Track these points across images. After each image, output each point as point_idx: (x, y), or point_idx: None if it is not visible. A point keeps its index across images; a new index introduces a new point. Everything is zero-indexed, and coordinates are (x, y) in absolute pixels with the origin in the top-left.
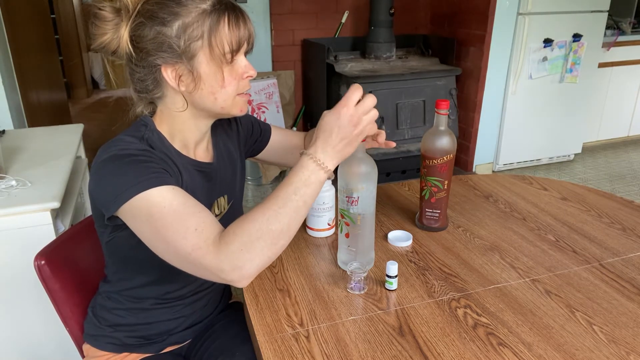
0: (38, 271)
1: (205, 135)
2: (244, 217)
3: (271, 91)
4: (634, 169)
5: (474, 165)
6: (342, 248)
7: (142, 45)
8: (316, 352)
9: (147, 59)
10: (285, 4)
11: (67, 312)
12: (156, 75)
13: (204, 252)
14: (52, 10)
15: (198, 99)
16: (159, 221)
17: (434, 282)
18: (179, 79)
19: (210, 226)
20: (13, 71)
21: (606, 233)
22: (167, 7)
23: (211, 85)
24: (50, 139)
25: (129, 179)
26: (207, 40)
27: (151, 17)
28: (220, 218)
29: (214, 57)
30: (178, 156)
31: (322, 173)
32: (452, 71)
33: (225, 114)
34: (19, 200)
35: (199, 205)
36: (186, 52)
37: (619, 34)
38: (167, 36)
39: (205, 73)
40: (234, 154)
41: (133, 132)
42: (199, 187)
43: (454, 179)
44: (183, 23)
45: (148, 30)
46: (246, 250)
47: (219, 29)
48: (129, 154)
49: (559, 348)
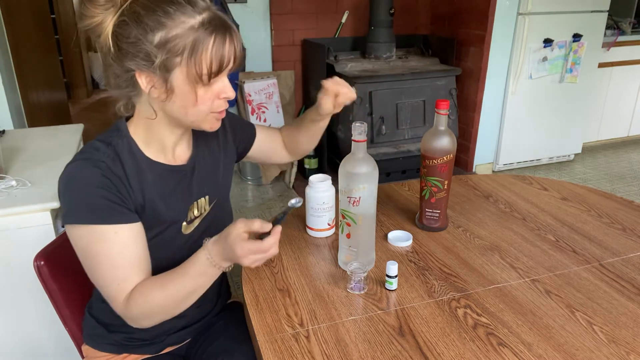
0: (37, 271)
1: (184, 136)
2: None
3: (271, 91)
4: (634, 169)
5: (474, 165)
6: (343, 248)
7: (121, 44)
8: (316, 352)
9: (121, 59)
10: (285, 4)
11: (66, 313)
12: (131, 77)
13: (117, 304)
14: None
15: (169, 109)
16: (93, 259)
17: (434, 282)
18: (152, 86)
19: (129, 284)
20: (13, 71)
21: (606, 233)
22: (154, 15)
23: (183, 101)
24: (50, 139)
25: (79, 203)
26: (186, 59)
27: (136, 20)
28: (201, 219)
29: (190, 76)
30: (147, 164)
31: (214, 269)
32: (452, 71)
33: (195, 127)
34: (19, 200)
35: (134, 255)
36: (163, 65)
37: (619, 34)
38: (147, 45)
39: (178, 88)
40: (217, 152)
41: (105, 136)
42: (173, 192)
43: (454, 179)
44: (166, 35)
45: (130, 31)
46: (145, 317)
47: (200, 51)
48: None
49: (559, 348)
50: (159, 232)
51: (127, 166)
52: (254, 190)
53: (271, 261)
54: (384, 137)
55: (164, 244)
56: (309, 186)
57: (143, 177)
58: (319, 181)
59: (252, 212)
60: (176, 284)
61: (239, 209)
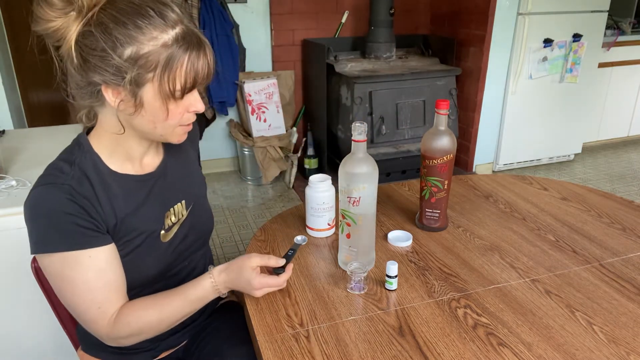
0: (35, 273)
1: (152, 146)
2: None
3: (271, 91)
4: (634, 169)
5: (474, 165)
6: (343, 248)
7: (86, 56)
8: (316, 352)
9: (86, 71)
10: (285, 4)
11: (64, 314)
12: (95, 89)
13: (99, 326)
14: None
15: (136, 123)
16: (69, 285)
17: (434, 282)
18: (119, 100)
19: (110, 304)
20: (13, 71)
21: (606, 233)
22: (124, 28)
23: (153, 115)
24: (50, 139)
25: (47, 231)
26: (159, 75)
27: (104, 32)
28: (179, 226)
29: (162, 92)
30: (114, 178)
31: (214, 294)
32: (452, 71)
33: (163, 140)
34: (19, 200)
35: (111, 277)
36: (133, 81)
37: (619, 34)
38: (116, 59)
39: (148, 103)
40: (191, 153)
41: (67, 155)
42: (145, 202)
43: (454, 179)
44: (137, 51)
45: (97, 43)
46: (131, 338)
47: (175, 68)
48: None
49: (559, 348)
50: (138, 245)
51: (95, 184)
52: (254, 190)
53: None
54: (384, 137)
55: (146, 254)
56: (308, 186)
57: (112, 194)
58: (319, 181)
59: (252, 212)
60: (173, 306)
61: (239, 209)
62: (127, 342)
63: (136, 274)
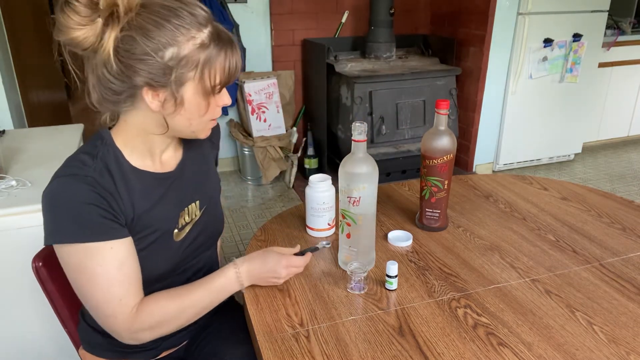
0: (36, 273)
1: (172, 143)
2: (165, 299)
3: (271, 91)
4: (634, 169)
5: (474, 165)
6: (343, 248)
7: (127, 60)
8: (316, 352)
9: (129, 76)
10: (285, 4)
11: (65, 314)
12: (134, 92)
13: (119, 320)
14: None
15: (171, 121)
16: (89, 277)
17: (434, 282)
18: (159, 102)
19: (130, 297)
20: (13, 71)
21: (606, 233)
22: (164, 29)
23: (191, 112)
24: (50, 139)
25: (69, 221)
26: (199, 72)
27: (145, 35)
28: (192, 226)
29: (201, 89)
30: (135, 173)
31: (237, 285)
32: (452, 71)
33: (191, 136)
34: (19, 200)
35: (131, 270)
36: (176, 80)
37: (619, 34)
38: (159, 60)
39: (189, 102)
40: (208, 155)
41: (89, 148)
42: (162, 200)
43: (454, 179)
44: (179, 50)
45: (138, 47)
46: (152, 331)
47: (214, 64)
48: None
49: (559, 348)
50: (151, 242)
51: (116, 178)
52: (254, 190)
53: None
54: (384, 137)
55: (158, 252)
56: (309, 186)
57: (131, 189)
58: (319, 181)
59: (252, 212)
60: (196, 296)
61: (239, 209)
62: (147, 337)
63: (145, 270)
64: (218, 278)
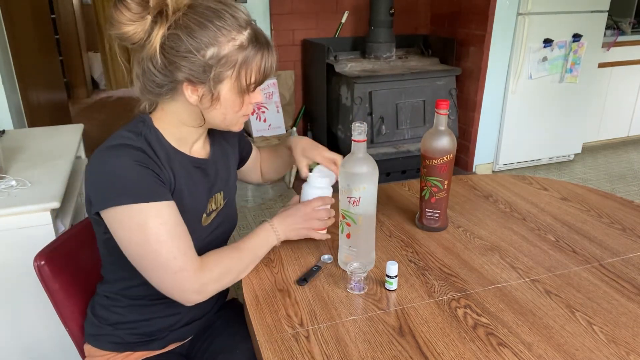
0: (38, 272)
1: (203, 135)
2: (219, 253)
3: (271, 91)
4: (634, 169)
5: (474, 165)
6: (343, 248)
7: (171, 57)
8: (316, 352)
9: (172, 71)
10: (285, 4)
11: (66, 313)
12: (175, 86)
13: (190, 274)
14: (52, 10)
15: (207, 115)
16: (154, 236)
17: (434, 282)
18: (197, 96)
19: (192, 251)
20: (13, 71)
21: (606, 233)
22: (207, 30)
23: (226, 108)
24: (50, 139)
25: (127, 183)
26: (237, 71)
27: (189, 34)
28: (216, 214)
29: (237, 87)
30: (174, 153)
31: (274, 237)
32: (452, 71)
33: (224, 129)
34: (19, 200)
35: (185, 228)
36: (214, 78)
37: (619, 34)
38: (201, 59)
39: (225, 98)
40: (229, 152)
41: (132, 127)
42: (197, 183)
43: (454, 179)
44: (219, 50)
45: (182, 45)
46: (216, 284)
47: (252, 64)
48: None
49: (559, 348)
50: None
51: (159, 153)
52: (254, 190)
53: (271, 261)
54: (384, 137)
55: None
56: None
57: (173, 165)
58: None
59: (252, 212)
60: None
61: (239, 209)
62: (214, 289)
63: None
64: (259, 232)
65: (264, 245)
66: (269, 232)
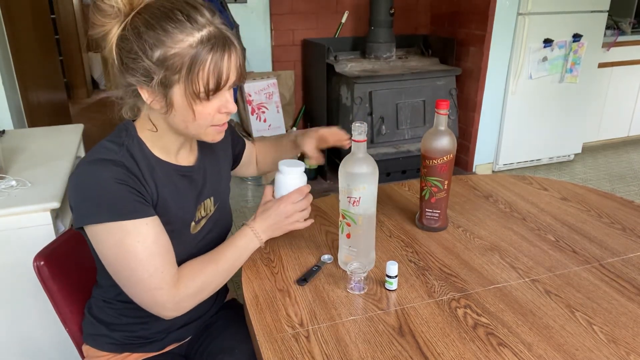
0: (37, 272)
1: (186, 142)
2: (199, 264)
3: (271, 91)
4: (634, 169)
5: (474, 165)
6: (343, 248)
7: (123, 58)
8: (316, 352)
9: (125, 73)
10: (285, 4)
11: (66, 313)
12: (135, 89)
13: (165, 291)
14: (52, 10)
15: (171, 122)
16: (131, 254)
17: (434, 282)
18: (153, 100)
19: (170, 267)
20: (13, 71)
21: (606, 233)
22: (154, 32)
23: (183, 115)
24: (50, 139)
25: (106, 201)
26: (184, 76)
27: (137, 36)
28: (206, 220)
29: (188, 93)
30: (158, 164)
31: (257, 241)
32: (452, 71)
33: (197, 139)
34: (19, 200)
35: (166, 243)
36: (162, 82)
37: (619, 34)
38: (146, 61)
39: (177, 104)
40: (220, 155)
41: (114, 137)
42: (182, 191)
43: (454, 179)
44: (165, 53)
45: (131, 46)
46: (195, 297)
47: (197, 69)
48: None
49: (559, 348)
50: (170, 231)
51: (141, 166)
52: (254, 191)
53: (271, 261)
54: (384, 137)
55: (175, 243)
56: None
57: (156, 176)
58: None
59: (252, 212)
60: (226, 255)
61: (239, 209)
62: (190, 304)
63: None
64: (239, 237)
65: (244, 253)
66: (249, 238)
